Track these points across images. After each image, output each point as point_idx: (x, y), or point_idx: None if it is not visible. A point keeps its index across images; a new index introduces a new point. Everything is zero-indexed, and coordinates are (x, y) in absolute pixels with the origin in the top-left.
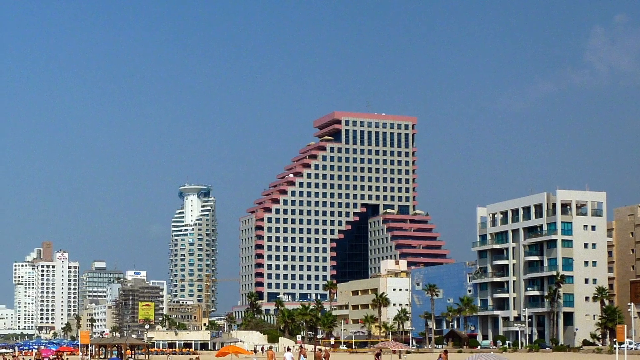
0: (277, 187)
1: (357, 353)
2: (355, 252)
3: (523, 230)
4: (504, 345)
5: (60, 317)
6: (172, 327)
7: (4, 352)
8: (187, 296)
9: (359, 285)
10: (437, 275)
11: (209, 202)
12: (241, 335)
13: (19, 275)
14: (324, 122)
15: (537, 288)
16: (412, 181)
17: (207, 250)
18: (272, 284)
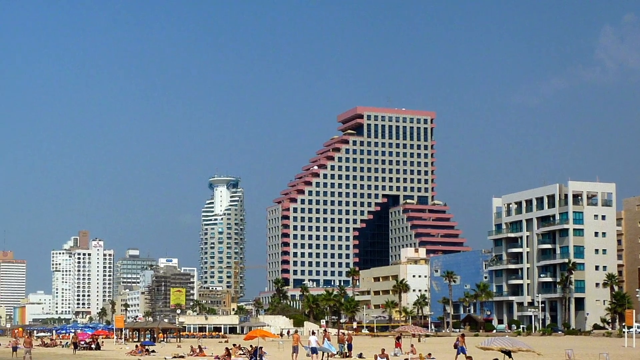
0: (303, 179)
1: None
2: (376, 240)
3: (536, 219)
4: (518, 329)
5: (95, 303)
6: (203, 311)
7: (43, 336)
8: (217, 282)
9: (380, 272)
10: (454, 262)
11: (238, 193)
12: (268, 320)
13: (57, 262)
14: (347, 116)
15: (550, 275)
16: (431, 173)
17: (236, 239)
18: (298, 270)
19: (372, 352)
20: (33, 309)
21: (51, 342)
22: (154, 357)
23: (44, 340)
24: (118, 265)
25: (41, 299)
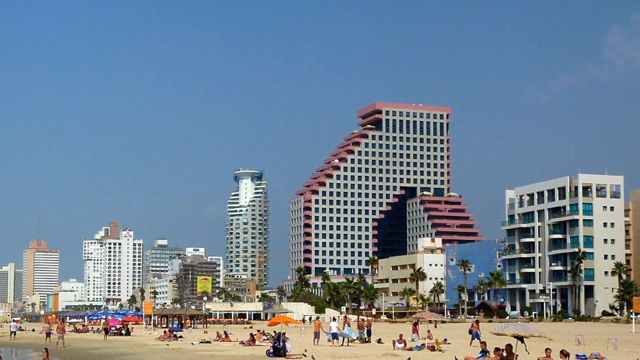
0: (324, 172)
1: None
2: (394, 230)
3: (548, 210)
4: (530, 315)
5: (125, 290)
6: (228, 299)
7: (75, 322)
8: (242, 271)
9: (398, 260)
10: (469, 251)
11: (262, 185)
12: (291, 307)
13: (89, 251)
14: (367, 112)
15: (561, 263)
16: (447, 166)
17: (260, 229)
18: (319, 259)
19: (390, 338)
20: (66, 296)
21: (83, 328)
22: (181, 342)
23: (76, 326)
24: (147, 255)
25: (74, 286)
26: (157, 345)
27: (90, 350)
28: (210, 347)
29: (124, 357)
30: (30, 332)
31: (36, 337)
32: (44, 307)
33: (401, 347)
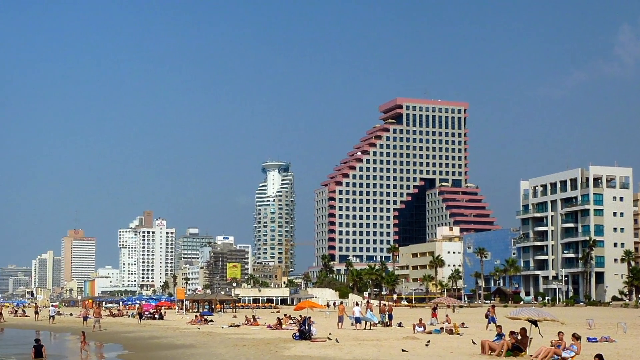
0: (347, 164)
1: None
2: (414, 219)
3: (560, 200)
4: (543, 300)
5: (159, 276)
6: (256, 284)
7: (111, 307)
8: (269, 258)
9: (418, 248)
10: (485, 240)
11: (288, 177)
12: (316, 292)
13: (124, 240)
14: (388, 107)
15: (573, 251)
16: (464, 158)
17: (287, 218)
18: (343, 247)
19: (410, 322)
20: (102, 282)
21: (118, 313)
22: (212, 326)
23: (111, 310)
24: (179, 243)
25: (109, 273)
26: (188, 328)
27: (125, 333)
28: (239, 331)
29: (157, 340)
30: (68, 316)
31: (73, 321)
32: (81, 293)
33: (421, 331)
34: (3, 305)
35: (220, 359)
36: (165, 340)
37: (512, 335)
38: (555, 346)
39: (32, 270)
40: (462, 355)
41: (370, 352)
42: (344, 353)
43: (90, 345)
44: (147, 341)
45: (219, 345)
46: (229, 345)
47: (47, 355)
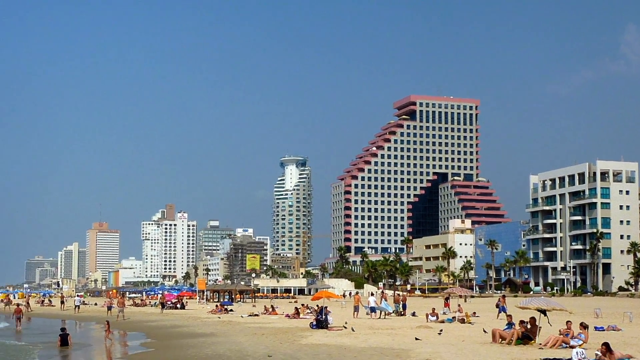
0: (363, 158)
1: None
2: (428, 212)
3: (568, 194)
4: (552, 291)
5: (180, 267)
6: (275, 275)
7: (134, 297)
8: (287, 249)
9: (431, 240)
10: (496, 232)
11: (306, 171)
12: (332, 282)
13: (147, 232)
14: (402, 103)
15: (580, 243)
16: (476, 153)
17: (304, 211)
18: (358, 239)
19: (423, 311)
20: (125, 273)
21: (141, 302)
22: (231, 315)
23: (135, 300)
24: (200, 235)
25: (132, 264)
26: (209, 318)
27: (147, 322)
28: (258, 320)
29: (179, 329)
30: (93, 306)
31: (98, 310)
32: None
33: (434, 320)
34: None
35: (240, 347)
36: (187, 329)
37: (522, 324)
38: (564, 335)
39: (58, 262)
40: (473, 344)
41: (384, 341)
42: (359, 341)
43: (114, 334)
44: (169, 330)
45: (238, 333)
46: (248, 333)
47: (72, 343)
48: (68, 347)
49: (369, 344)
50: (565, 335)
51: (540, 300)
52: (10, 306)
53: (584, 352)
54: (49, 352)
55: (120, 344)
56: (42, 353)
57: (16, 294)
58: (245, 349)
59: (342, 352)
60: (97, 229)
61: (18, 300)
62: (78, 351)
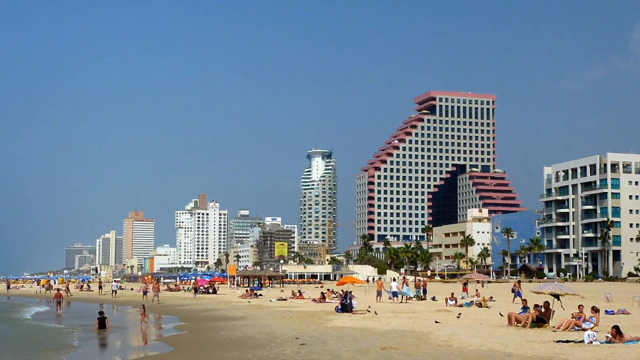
0: (385, 151)
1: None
2: (447, 202)
3: (580, 185)
4: (565, 276)
5: (212, 254)
6: (302, 262)
7: (168, 282)
8: (314, 237)
9: (450, 228)
10: (512, 220)
11: (331, 163)
12: (356, 268)
13: (180, 220)
14: (422, 99)
15: (592, 231)
16: (492, 146)
17: (330, 201)
18: (381, 227)
19: (443, 296)
20: (160, 259)
21: (175, 287)
22: (261, 299)
23: (169, 285)
24: (231, 223)
25: (167, 251)
26: (239, 302)
27: (181, 306)
28: (286, 304)
29: (211, 313)
30: (129, 290)
31: (134, 295)
32: (141, 269)
33: (453, 304)
34: (70, 281)
35: (269, 329)
36: (218, 313)
37: (537, 308)
38: (576, 318)
39: (96, 249)
40: (490, 327)
41: (406, 324)
42: (382, 324)
43: (150, 317)
44: (202, 313)
45: (267, 317)
46: (276, 317)
47: (110, 326)
48: (106, 330)
49: (391, 326)
50: (577, 319)
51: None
52: (51, 291)
53: (595, 335)
54: (87, 334)
55: (155, 327)
56: (81, 335)
57: (56, 279)
58: (274, 332)
59: (365, 334)
60: (134, 217)
61: (58, 285)
62: (115, 334)
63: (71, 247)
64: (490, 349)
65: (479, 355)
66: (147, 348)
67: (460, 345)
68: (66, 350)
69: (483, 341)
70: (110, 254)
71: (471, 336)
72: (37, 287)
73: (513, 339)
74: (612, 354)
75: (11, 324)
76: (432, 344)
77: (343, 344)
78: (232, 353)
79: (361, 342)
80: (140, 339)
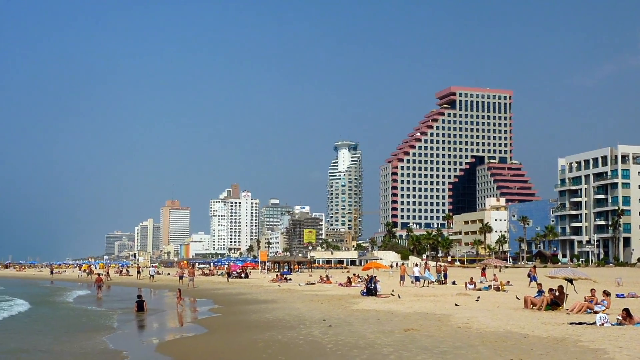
0: (408, 143)
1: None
2: (466, 191)
3: (593, 175)
4: (578, 262)
5: (244, 241)
6: (329, 248)
7: (203, 267)
8: (340, 225)
9: (469, 216)
10: (528, 209)
11: (357, 154)
12: (381, 254)
13: (214, 209)
14: (443, 94)
15: (603, 219)
16: (509, 138)
17: (355, 190)
18: (404, 215)
19: (462, 280)
20: (195, 246)
21: (209, 272)
22: (290, 284)
23: (203, 270)
24: (262, 212)
25: (201, 238)
26: (270, 286)
27: (215, 290)
28: (314, 288)
29: (243, 296)
30: (166, 275)
31: (170, 279)
32: (177, 255)
33: (472, 288)
34: (110, 266)
35: (298, 312)
36: (250, 296)
37: (551, 292)
38: (588, 301)
39: (134, 236)
40: (507, 309)
41: (428, 307)
42: (405, 307)
43: (185, 301)
44: (235, 297)
45: (296, 300)
46: (305, 300)
47: (147, 309)
48: (144, 313)
49: (413, 309)
50: (589, 302)
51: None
52: (92, 276)
53: (606, 317)
54: (126, 316)
55: (190, 310)
56: (121, 318)
57: (97, 264)
58: (303, 314)
59: (389, 316)
60: (170, 206)
61: (99, 270)
62: (153, 316)
63: (111, 234)
64: (508, 331)
65: (497, 336)
66: (182, 329)
67: (479, 327)
68: (106, 331)
69: (500, 323)
70: (148, 241)
71: (489, 318)
72: (79, 272)
73: (529, 321)
74: (623, 335)
75: (54, 307)
76: (452, 325)
77: (368, 325)
78: (263, 334)
79: (385, 324)
80: (176, 321)
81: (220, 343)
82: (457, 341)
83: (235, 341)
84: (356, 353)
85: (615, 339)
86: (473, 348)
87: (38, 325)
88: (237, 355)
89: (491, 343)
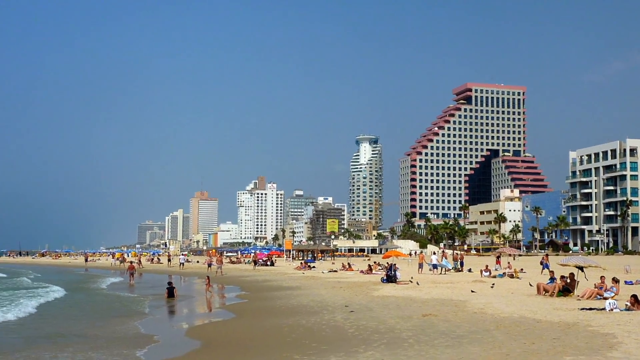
0: (426, 137)
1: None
2: (482, 183)
3: (602, 167)
4: (588, 250)
5: (270, 230)
6: (351, 237)
7: (230, 255)
8: (362, 215)
9: (485, 207)
10: (540, 200)
11: (377, 148)
12: (400, 243)
13: (241, 200)
14: (460, 90)
15: (612, 209)
16: (523, 133)
17: (376, 182)
18: (423, 206)
19: (478, 268)
20: (223, 235)
21: (237, 260)
22: (314, 271)
23: (231, 258)
24: (287, 202)
25: (229, 227)
26: (295, 273)
27: (242, 277)
28: (336, 275)
29: (269, 283)
30: (195, 263)
31: (199, 267)
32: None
33: (487, 275)
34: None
35: (321, 298)
36: (276, 283)
37: (563, 279)
38: (598, 288)
39: (165, 225)
40: (521, 296)
41: (445, 293)
42: (423, 294)
43: (214, 287)
44: (261, 284)
45: (319, 287)
46: (328, 287)
47: (178, 295)
48: (174, 299)
49: (431, 295)
50: (599, 289)
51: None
52: (124, 263)
53: (615, 303)
54: (157, 302)
55: (218, 296)
56: (152, 303)
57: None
58: (326, 300)
59: (408, 302)
60: (199, 197)
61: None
62: (182, 302)
63: (143, 224)
64: (521, 316)
65: (511, 321)
66: (211, 315)
67: (494, 312)
68: (138, 316)
69: (514, 309)
70: (178, 230)
71: (504, 304)
72: (112, 260)
73: (541, 307)
74: (631, 320)
75: (88, 293)
76: (468, 311)
77: (388, 311)
78: (288, 319)
79: (404, 310)
80: (205, 307)
81: (247, 328)
82: (473, 326)
83: (261, 326)
84: (377, 337)
85: (624, 324)
86: (488, 332)
87: (73, 311)
88: (263, 340)
89: (505, 328)
